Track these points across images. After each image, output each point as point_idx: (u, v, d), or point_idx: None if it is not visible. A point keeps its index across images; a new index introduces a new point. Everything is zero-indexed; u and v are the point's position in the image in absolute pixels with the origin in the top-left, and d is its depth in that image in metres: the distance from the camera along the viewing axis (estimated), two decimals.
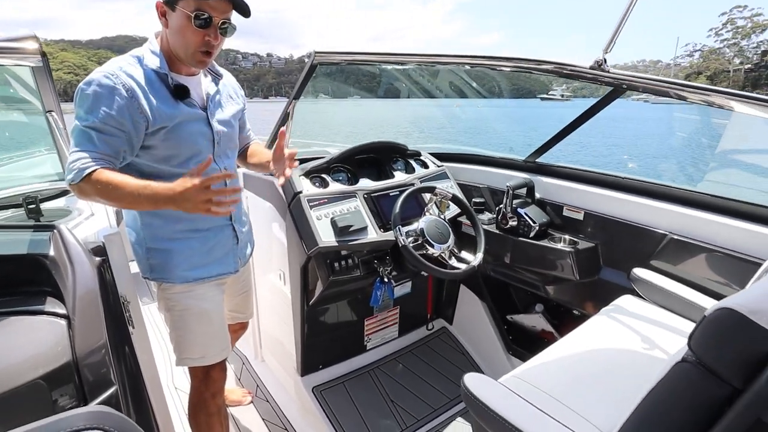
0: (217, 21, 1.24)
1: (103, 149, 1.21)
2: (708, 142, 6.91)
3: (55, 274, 1.22)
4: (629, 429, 0.86)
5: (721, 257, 1.55)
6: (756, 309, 0.68)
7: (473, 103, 10.24)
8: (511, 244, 2.07)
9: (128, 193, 1.16)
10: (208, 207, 1.14)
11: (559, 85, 53.06)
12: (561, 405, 1.16)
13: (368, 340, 2.32)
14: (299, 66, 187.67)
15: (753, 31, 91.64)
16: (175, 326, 1.53)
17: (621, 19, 1.46)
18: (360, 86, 7.18)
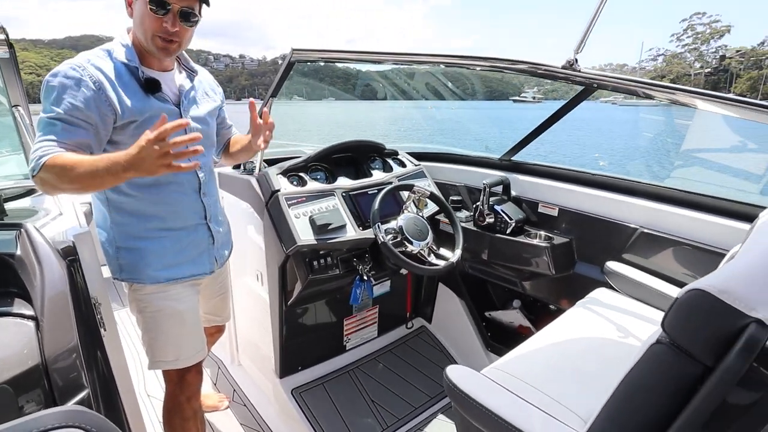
0: (176, 8, 1.21)
1: (67, 138, 1.16)
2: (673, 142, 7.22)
3: (22, 275, 1.18)
4: (608, 412, 0.88)
5: (689, 249, 1.61)
6: (724, 289, 0.72)
7: (448, 105, 10.35)
8: (489, 240, 2.10)
9: (86, 171, 1.07)
10: (168, 161, 1.03)
11: (531, 87, 54.09)
12: (541, 394, 1.18)
13: (347, 341, 2.31)
14: (272, 68, 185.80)
15: (711, 36, 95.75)
16: (148, 328, 1.49)
17: (590, 20, 1.51)
18: (336, 87, 7.15)
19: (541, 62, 1.51)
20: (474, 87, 4.65)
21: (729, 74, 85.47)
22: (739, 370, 0.68)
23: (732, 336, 0.70)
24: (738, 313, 0.70)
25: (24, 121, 1.54)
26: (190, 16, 1.25)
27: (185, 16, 1.24)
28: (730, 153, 3.57)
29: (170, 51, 1.28)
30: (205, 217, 1.52)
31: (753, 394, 0.72)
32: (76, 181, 1.09)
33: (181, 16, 1.23)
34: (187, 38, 1.31)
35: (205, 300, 1.73)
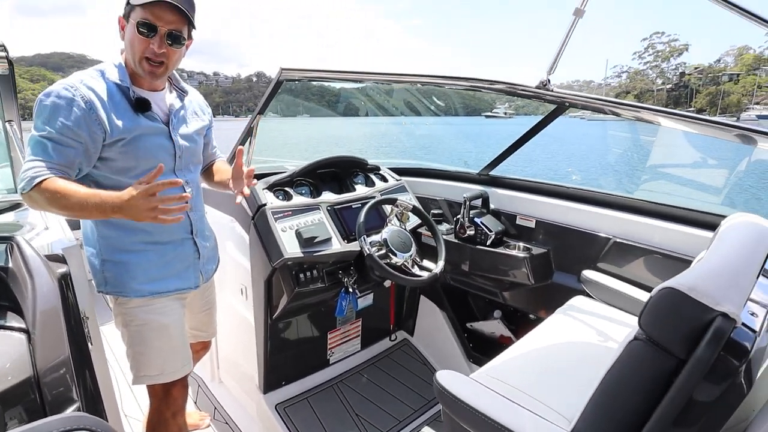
0: (163, 30, 1.26)
1: (58, 159, 1.21)
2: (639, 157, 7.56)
3: (14, 288, 1.17)
4: (592, 409, 0.94)
5: (658, 257, 1.70)
6: (693, 286, 0.79)
7: (423, 120, 10.52)
8: (470, 252, 2.16)
9: (76, 202, 1.14)
10: (155, 215, 1.12)
11: (502, 103, 55.26)
12: (528, 396, 1.24)
13: (331, 354, 2.33)
14: (246, 85, 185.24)
15: (671, 54, 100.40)
16: (133, 342, 1.48)
17: (561, 44, 1.61)
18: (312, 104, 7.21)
19: (517, 83, 1.60)
20: (447, 103, 4.78)
21: (689, 90, 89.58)
22: (708, 359, 0.74)
23: (701, 329, 0.77)
24: (705, 307, 0.77)
25: (16, 136, 1.54)
26: (178, 39, 1.30)
27: (173, 38, 1.28)
28: (692, 167, 3.77)
29: (157, 74, 1.32)
30: (192, 232, 1.54)
31: (721, 383, 0.79)
32: (65, 209, 1.17)
33: (168, 38, 1.27)
34: (175, 60, 1.34)
35: (191, 315, 1.73)
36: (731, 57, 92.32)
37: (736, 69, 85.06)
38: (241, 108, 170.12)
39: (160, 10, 1.23)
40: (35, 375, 1.02)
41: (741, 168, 3.38)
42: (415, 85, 2.51)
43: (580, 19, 1.48)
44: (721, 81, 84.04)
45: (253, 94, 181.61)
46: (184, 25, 1.30)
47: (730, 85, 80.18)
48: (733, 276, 0.90)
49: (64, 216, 1.26)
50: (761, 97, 73.36)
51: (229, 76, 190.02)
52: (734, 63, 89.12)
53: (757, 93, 74.75)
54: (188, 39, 1.35)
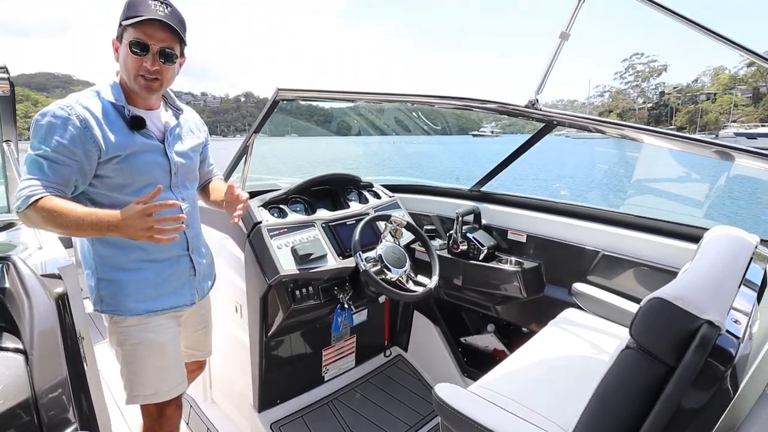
0: (156, 48, 1.29)
1: (54, 177, 1.23)
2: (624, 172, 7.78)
3: (11, 308, 1.17)
4: (587, 418, 0.96)
5: (646, 269, 1.76)
6: (679, 296, 0.84)
7: (412, 139, 10.64)
8: (463, 267, 2.20)
9: (72, 220, 1.16)
10: (150, 234, 1.14)
11: (489, 122, 55.94)
12: (525, 408, 1.26)
13: (326, 371, 2.33)
14: (235, 105, 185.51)
15: (650, 74, 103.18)
16: (127, 361, 1.48)
17: (548, 65, 1.68)
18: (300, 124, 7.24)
19: (507, 102, 1.66)
20: (436, 122, 4.86)
21: (669, 108, 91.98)
22: (696, 365, 0.78)
23: (688, 336, 0.81)
24: (692, 316, 0.81)
25: (12, 156, 1.54)
26: (171, 56, 1.33)
27: (165, 56, 1.31)
28: (676, 182, 3.89)
29: (153, 89, 1.35)
30: (188, 249, 1.55)
31: (709, 388, 0.83)
32: (61, 227, 1.19)
33: (161, 56, 1.30)
34: (169, 76, 1.37)
35: (187, 334, 1.72)
36: (708, 77, 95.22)
37: (712, 88, 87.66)
38: (228, 128, 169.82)
39: (151, 28, 1.26)
40: (33, 396, 1.01)
41: (721, 183, 3.50)
42: (405, 104, 2.57)
43: (565, 42, 1.55)
44: (699, 100, 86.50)
45: (241, 114, 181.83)
46: (176, 42, 1.33)
47: (708, 103, 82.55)
48: (717, 286, 0.94)
49: (60, 234, 1.27)
50: (737, 115, 75.59)
51: (217, 96, 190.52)
52: (711, 83, 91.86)
53: (734, 111, 77.04)
54: (181, 56, 1.38)
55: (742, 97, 79.42)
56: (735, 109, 77.66)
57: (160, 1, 1.28)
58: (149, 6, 1.26)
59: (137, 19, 1.24)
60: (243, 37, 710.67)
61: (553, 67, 1.64)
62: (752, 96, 78.12)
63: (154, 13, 1.25)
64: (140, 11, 1.25)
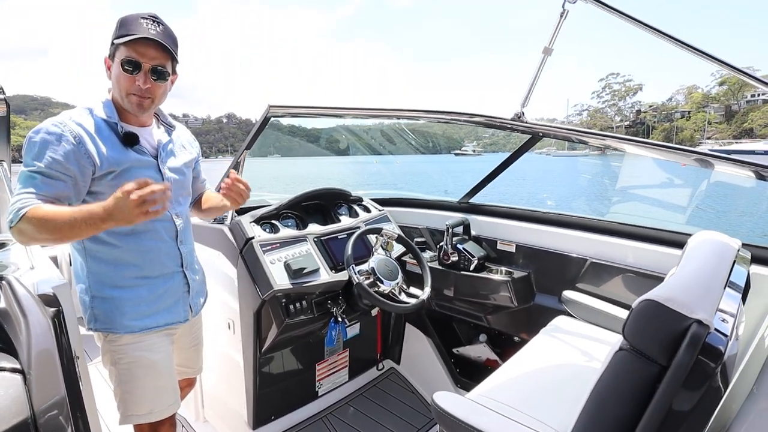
0: (147, 66, 1.30)
1: (46, 191, 1.20)
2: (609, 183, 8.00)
3: (7, 328, 1.16)
4: (583, 421, 0.98)
5: (632, 275, 1.80)
6: (669, 297, 0.87)
7: (393, 159, 10.76)
8: (454, 278, 2.22)
9: (64, 222, 1.12)
10: (145, 209, 1.09)
11: (471, 141, 56.69)
12: (522, 414, 1.28)
13: (320, 386, 2.31)
14: (217, 126, 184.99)
15: (627, 93, 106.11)
16: (122, 380, 1.46)
17: (533, 79, 1.75)
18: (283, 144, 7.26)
19: (494, 115, 1.72)
20: (418, 141, 4.94)
21: (646, 126, 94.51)
22: (688, 362, 0.81)
23: (679, 336, 0.84)
24: (681, 316, 0.84)
25: (6, 176, 1.54)
26: (163, 74, 1.34)
27: (157, 74, 1.32)
28: (659, 189, 4.00)
29: (144, 107, 1.35)
30: (182, 265, 1.55)
31: (701, 385, 0.86)
32: (54, 232, 1.14)
33: (152, 73, 1.31)
34: (161, 94, 1.38)
35: (179, 351, 1.70)
36: (682, 96, 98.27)
37: (687, 107, 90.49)
38: (211, 149, 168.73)
39: (143, 47, 1.27)
40: (32, 416, 1.00)
41: (702, 188, 3.61)
42: (393, 119, 2.62)
43: (549, 57, 1.62)
44: (674, 118, 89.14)
45: (223, 135, 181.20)
46: (168, 60, 1.34)
47: (683, 121, 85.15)
48: (704, 287, 0.98)
49: (58, 241, 1.20)
50: (711, 132, 78.03)
51: (199, 118, 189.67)
52: (685, 101, 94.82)
53: (708, 128, 79.52)
54: (173, 74, 1.40)
55: (716, 114, 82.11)
56: (709, 126, 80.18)
57: (151, 20, 1.29)
58: (141, 24, 1.27)
59: (129, 38, 1.25)
60: (224, 58, 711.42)
61: (537, 80, 1.71)
62: (725, 114, 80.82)
63: (146, 31, 1.27)
64: (132, 30, 1.26)
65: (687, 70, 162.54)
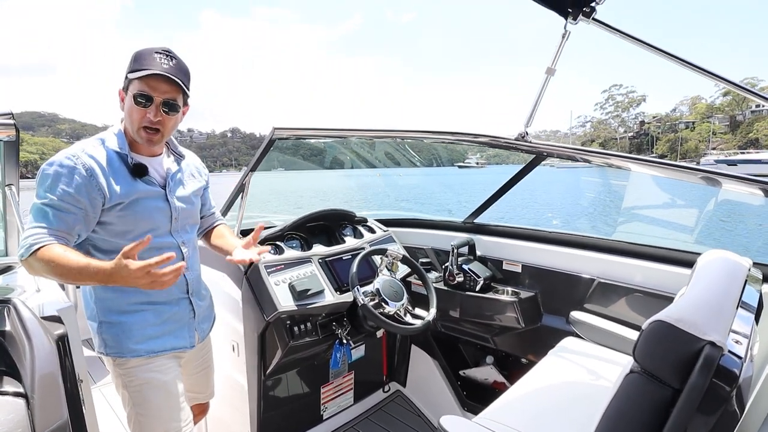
0: (159, 100, 1.33)
1: (57, 225, 1.24)
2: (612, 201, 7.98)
3: (11, 350, 1.16)
4: None
5: (641, 295, 1.78)
6: (679, 318, 0.85)
7: (397, 172, 10.79)
8: (460, 298, 2.20)
9: (73, 270, 1.17)
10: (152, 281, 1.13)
11: (474, 153, 56.67)
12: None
13: (325, 409, 2.28)
14: (221, 140, 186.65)
15: (630, 105, 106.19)
16: (135, 403, 1.46)
17: (536, 100, 1.75)
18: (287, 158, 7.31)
19: (498, 135, 1.72)
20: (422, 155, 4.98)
21: (650, 137, 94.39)
22: (702, 386, 0.79)
23: (691, 358, 0.82)
24: (694, 337, 0.82)
25: (14, 199, 1.56)
26: (174, 107, 1.37)
27: (168, 107, 1.36)
28: (665, 208, 3.97)
29: (153, 141, 1.39)
30: (188, 291, 1.55)
31: (716, 410, 0.83)
32: (61, 276, 1.19)
33: (164, 106, 1.35)
34: (171, 126, 1.41)
35: (187, 376, 1.69)
36: (686, 106, 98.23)
37: (691, 117, 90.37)
38: (215, 163, 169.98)
39: (155, 81, 1.31)
40: None
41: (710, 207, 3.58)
42: (395, 139, 2.63)
43: (552, 77, 1.62)
44: (679, 128, 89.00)
45: (227, 149, 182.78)
46: (179, 93, 1.37)
47: (687, 132, 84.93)
48: (716, 308, 0.96)
49: (63, 282, 1.28)
50: (716, 143, 77.82)
51: (203, 132, 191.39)
52: (689, 112, 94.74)
53: (713, 139, 79.32)
54: (184, 106, 1.43)
55: (720, 125, 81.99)
56: (714, 137, 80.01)
57: (165, 54, 1.33)
58: (154, 59, 1.31)
59: (142, 73, 1.29)
60: (227, 72, 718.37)
61: (540, 101, 1.71)
62: (729, 124, 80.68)
63: (158, 66, 1.30)
64: (145, 65, 1.30)
65: (690, 80, 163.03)
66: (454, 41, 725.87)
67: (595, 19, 1.46)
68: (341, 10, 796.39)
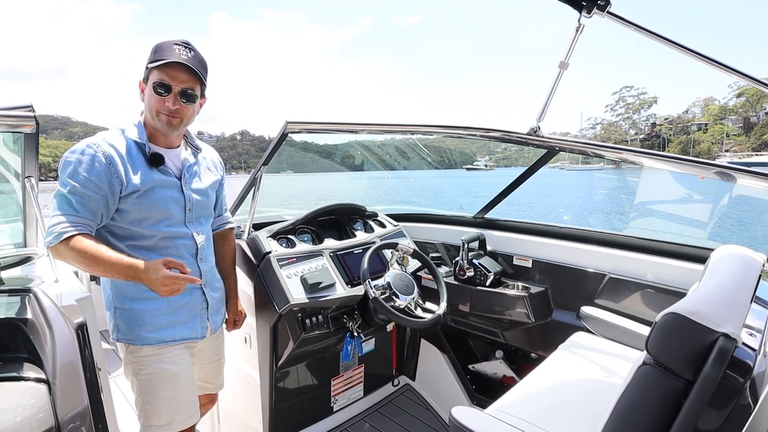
0: (177, 89, 1.37)
1: (83, 213, 1.30)
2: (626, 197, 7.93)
3: (33, 339, 1.19)
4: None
5: (652, 290, 1.77)
6: (693, 310, 0.85)
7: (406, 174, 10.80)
8: (470, 293, 2.20)
9: (101, 262, 1.26)
10: (170, 291, 1.27)
11: (483, 156, 56.41)
12: (541, 429, 1.25)
13: (335, 402, 2.30)
14: (231, 143, 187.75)
15: (641, 106, 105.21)
16: (142, 391, 1.49)
17: (549, 94, 1.75)
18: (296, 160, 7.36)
19: (510, 130, 1.72)
20: (431, 157, 4.97)
21: (661, 139, 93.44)
22: (715, 377, 0.79)
23: (705, 350, 0.82)
24: (707, 329, 0.83)
25: (33, 191, 1.59)
26: (191, 96, 1.41)
27: (186, 96, 1.39)
28: (678, 204, 3.95)
29: (173, 125, 1.42)
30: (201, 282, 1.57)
31: (730, 401, 0.83)
32: (90, 266, 1.28)
33: (182, 96, 1.39)
34: (189, 115, 1.45)
35: (199, 366, 1.72)
36: (698, 108, 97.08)
37: (703, 119, 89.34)
38: (225, 166, 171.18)
39: (174, 70, 1.36)
40: (57, 426, 1.02)
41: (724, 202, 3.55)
42: (406, 134, 2.64)
43: (565, 71, 1.62)
44: (691, 130, 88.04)
45: (237, 152, 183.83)
46: (197, 84, 1.41)
47: (700, 134, 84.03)
48: (729, 301, 0.96)
49: (86, 271, 1.35)
50: (730, 145, 76.86)
51: (213, 135, 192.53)
52: (701, 113, 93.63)
53: (726, 141, 78.36)
54: (201, 97, 1.46)
55: (734, 127, 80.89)
56: (727, 139, 78.99)
57: (183, 46, 1.38)
58: (174, 50, 1.36)
59: (162, 62, 1.33)
60: (237, 76, 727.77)
61: (553, 95, 1.71)
62: (743, 126, 79.58)
63: (177, 56, 1.35)
64: (165, 55, 1.34)
65: (703, 82, 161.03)
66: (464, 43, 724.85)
67: (610, 12, 1.46)
68: (349, 12, 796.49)
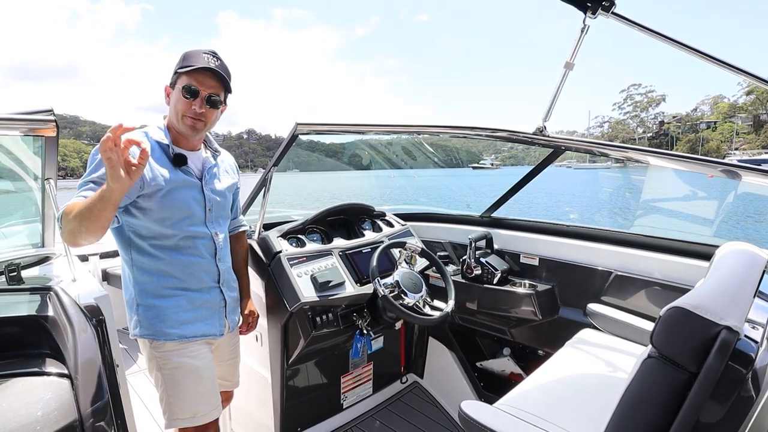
0: (204, 94, 1.42)
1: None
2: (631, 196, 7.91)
3: (55, 335, 1.23)
4: (613, 427, 0.98)
5: (658, 287, 1.79)
6: (697, 304, 0.88)
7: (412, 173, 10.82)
8: (477, 291, 2.23)
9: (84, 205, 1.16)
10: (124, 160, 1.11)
11: (489, 155, 56.17)
12: (549, 423, 1.28)
13: (344, 399, 2.33)
14: (237, 142, 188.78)
15: (649, 104, 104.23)
16: (167, 385, 1.53)
17: (554, 94, 1.77)
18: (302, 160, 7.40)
19: (517, 129, 1.75)
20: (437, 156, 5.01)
21: (669, 138, 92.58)
22: (718, 368, 0.81)
23: (708, 342, 0.84)
24: (710, 322, 0.85)
25: (52, 193, 1.64)
26: (216, 102, 1.46)
27: (211, 102, 1.45)
28: (683, 201, 3.94)
29: (197, 128, 1.47)
30: (219, 281, 1.62)
31: (732, 393, 0.86)
32: (79, 217, 1.16)
33: (208, 101, 1.44)
34: (212, 119, 1.50)
35: (216, 363, 1.76)
36: (707, 106, 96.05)
37: (712, 117, 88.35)
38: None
39: (203, 76, 1.41)
40: (79, 419, 1.07)
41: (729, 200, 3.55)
42: (413, 135, 2.67)
43: (570, 71, 1.65)
44: (700, 128, 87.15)
45: (243, 151, 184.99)
46: (222, 90, 1.47)
47: (708, 132, 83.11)
48: (733, 296, 0.98)
49: (90, 230, 1.19)
50: (739, 143, 76.05)
51: (219, 134, 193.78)
52: (710, 111, 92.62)
53: (735, 139, 77.52)
54: (223, 104, 1.51)
55: (743, 125, 79.96)
56: (736, 137, 78.18)
57: (211, 54, 1.44)
58: (202, 57, 1.42)
59: (191, 67, 1.39)
60: (244, 74, 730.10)
61: (559, 95, 1.73)
62: (753, 124, 78.64)
63: (206, 63, 1.41)
64: (194, 62, 1.41)
65: (712, 79, 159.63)
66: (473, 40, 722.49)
67: (615, 13, 1.48)
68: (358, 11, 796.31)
